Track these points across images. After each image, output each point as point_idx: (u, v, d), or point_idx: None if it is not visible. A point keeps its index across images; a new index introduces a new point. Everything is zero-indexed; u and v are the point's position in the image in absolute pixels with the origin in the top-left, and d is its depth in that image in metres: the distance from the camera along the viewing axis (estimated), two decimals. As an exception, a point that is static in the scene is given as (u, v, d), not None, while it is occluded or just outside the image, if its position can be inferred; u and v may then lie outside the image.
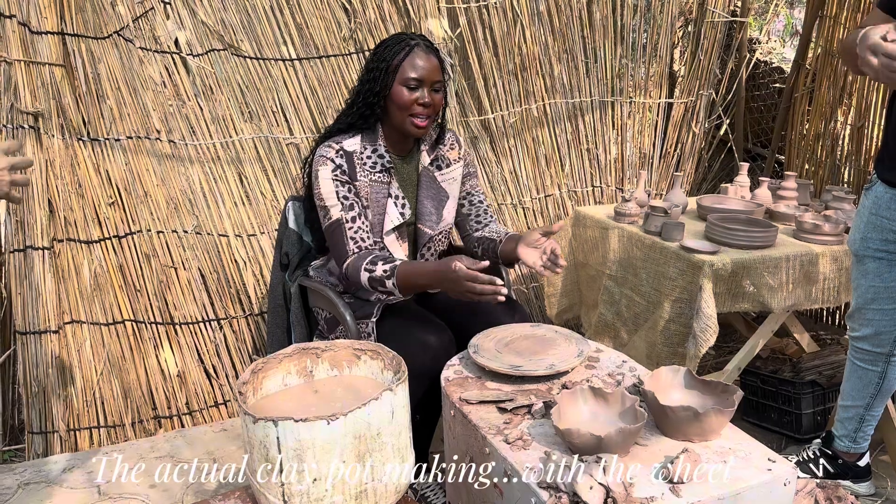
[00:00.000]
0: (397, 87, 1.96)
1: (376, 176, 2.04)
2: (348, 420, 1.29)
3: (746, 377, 2.79)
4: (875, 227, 2.01)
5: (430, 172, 2.15)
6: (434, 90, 1.99)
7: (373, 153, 2.04)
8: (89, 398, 2.66)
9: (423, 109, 1.97)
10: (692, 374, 1.59)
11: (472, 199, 2.26)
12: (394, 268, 1.90)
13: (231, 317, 2.88)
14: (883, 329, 2.09)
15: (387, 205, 2.06)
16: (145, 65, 2.79)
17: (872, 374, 2.16)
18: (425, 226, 2.14)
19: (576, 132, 3.48)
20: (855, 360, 2.19)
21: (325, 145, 2.04)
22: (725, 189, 3.07)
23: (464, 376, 1.75)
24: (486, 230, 2.23)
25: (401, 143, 2.10)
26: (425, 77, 1.96)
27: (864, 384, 2.18)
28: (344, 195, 2.00)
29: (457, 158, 2.20)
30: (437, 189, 2.16)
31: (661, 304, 2.47)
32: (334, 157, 2.00)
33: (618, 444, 1.36)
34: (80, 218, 2.69)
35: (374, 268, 1.92)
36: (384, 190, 2.06)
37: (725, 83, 3.76)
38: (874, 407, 2.21)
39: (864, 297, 2.09)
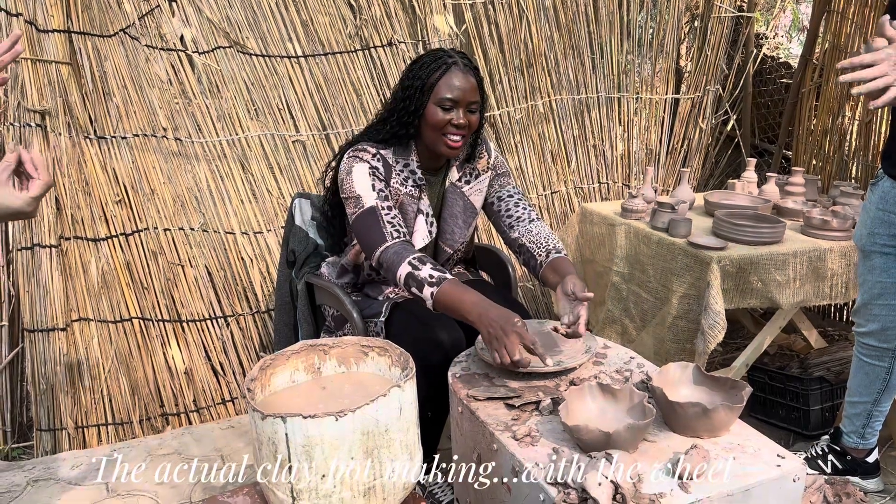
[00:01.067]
0: (431, 107, 1.91)
1: (408, 189, 2.00)
2: (356, 416, 1.29)
3: (754, 373, 2.78)
4: (882, 222, 2.00)
5: (457, 189, 2.10)
6: (470, 111, 1.93)
7: (405, 168, 2.00)
8: (97, 395, 2.67)
9: (456, 130, 1.92)
10: (700, 371, 1.58)
11: (502, 195, 2.17)
12: (442, 279, 1.77)
13: (238, 314, 2.88)
14: (890, 324, 2.08)
15: (416, 220, 2.03)
16: (151, 62, 2.79)
17: (879, 369, 2.15)
18: (445, 244, 2.12)
19: (582, 128, 3.47)
20: (861, 356, 2.18)
21: (360, 148, 1.97)
22: (733, 185, 3.06)
23: (471, 373, 1.74)
24: (526, 236, 2.09)
25: (433, 160, 2.06)
26: (461, 98, 1.90)
27: (871, 380, 2.18)
28: (380, 189, 1.93)
29: (485, 168, 2.15)
30: (463, 205, 2.11)
31: (668, 301, 2.46)
32: (370, 159, 1.95)
33: (626, 440, 1.35)
34: (87, 216, 2.69)
35: (420, 266, 1.80)
36: (414, 204, 2.02)
37: (732, 79, 3.75)
38: (881, 403, 2.20)
39: (871, 293, 2.08)
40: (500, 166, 2.20)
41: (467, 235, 2.16)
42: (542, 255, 2.03)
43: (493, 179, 2.19)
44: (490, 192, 2.18)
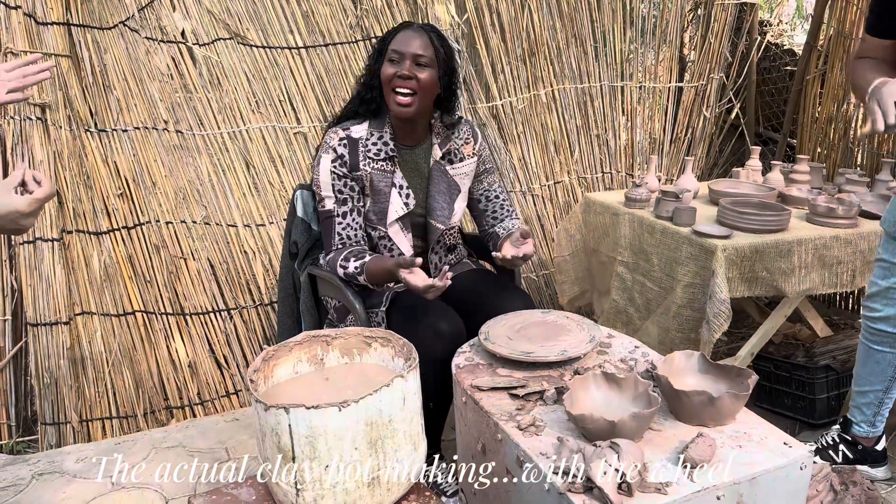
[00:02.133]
0: (384, 65, 1.97)
1: (380, 164, 2.04)
2: (360, 407, 1.29)
3: (759, 362, 2.77)
4: None
5: (441, 167, 2.13)
6: (417, 64, 1.95)
7: (378, 140, 2.04)
8: (101, 389, 2.67)
9: (402, 83, 1.94)
10: (706, 359, 1.57)
11: (489, 195, 2.26)
12: (363, 266, 1.97)
13: (241, 307, 2.88)
14: None
15: (391, 194, 2.05)
16: (151, 55, 2.78)
17: (890, 356, 2.14)
18: (437, 221, 2.13)
19: (585, 118, 3.45)
20: (870, 343, 2.16)
21: (332, 131, 2.05)
22: (737, 173, 3.04)
23: (475, 363, 1.74)
24: (499, 226, 2.25)
25: (407, 133, 2.09)
26: (406, 50, 1.94)
27: (881, 367, 2.16)
28: (339, 189, 2.02)
29: (471, 153, 2.18)
30: (448, 183, 2.15)
31: (673, 290, 2.45)
32: (337, 145, 2.01)
33: (632, 429, 1.35)
34: (88, 209, 2.69)
35: (347, 264, 2.00)
36: (388, 179, 2.05)
37: (736, 66, 3.72)
38: (893, 389, 2.18)
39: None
40: (487, 160, 2.25)
41: (455, 213, 2.17)
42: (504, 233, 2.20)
43: (482, 174, 2.23)
44: (478, 186, 2.24)
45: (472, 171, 2.20)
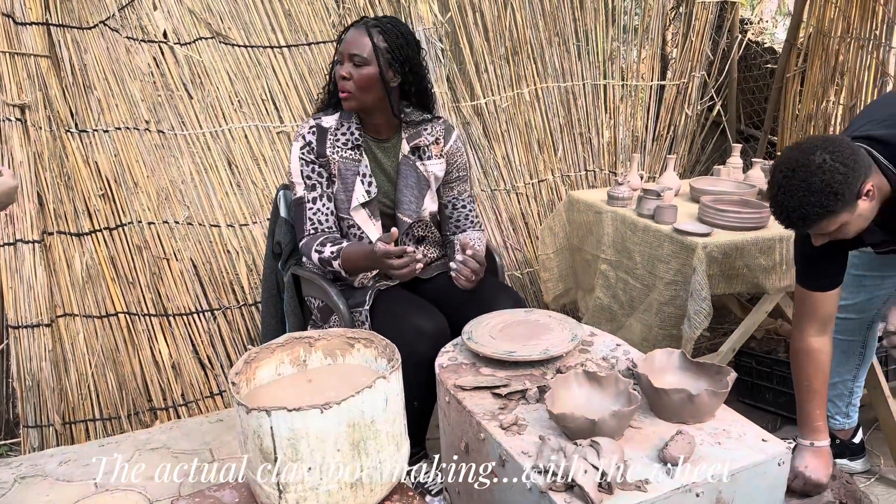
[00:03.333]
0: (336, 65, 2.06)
1: (347, 153, 2.09)
2: (342, 408, 1.29)
3: (741, 358, 2.80)
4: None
5: (410, 161, 2.15)
6: (354, 64, 2.00)
7: (347, 130, 2.10)
8: (84, 391, 2.66)
9: (341, 83, 2.02)
10: (686, 357, 1.59)
11: (456, 204, 2.29)
12: (339, 250, 2.01)
13: (225, 307, 2.87)
14: (872, 295, 2.12)
15: (354, 182, 2.09)
16: (132, 54, 2.76)
17: (854, 343, 2.18)
18: (405, 214, 2.15)
19: (568, 116, 3.46)
20: (836, 333, 2.20)
21: (305, 121, 2.12)
22: (718, 171, 3.06)
23: (458, 363, 1.74)
24: (458, 235, 2.27)
25: (373, 126, 2.13)
26: (344, 51, 2.02)
27: (847, 357, 2.21)
28: (307, 175, 2.08)
29: (438, 154, 2.19)
30: (417, 177, 2.16)
31: (655, 287, 2.46)
32: (306, 133, 2.09)
33: (612, 427, 1.36)
34: (69, 210, 2.67)
35: (322, 249, 2.03)
36: (354, 167, 2.10)
37: (717, 64, 3.74)
38: (860, 377, 2.23)
39: (871, 265, 2.09)
40: (461, 167, 2.26)
41: (423, 207, 2.18)
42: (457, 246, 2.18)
43: (454, 181, 2.26)
44: (447, 193, 2.27)
45: (442, 172, 2.21)
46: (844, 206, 1.60)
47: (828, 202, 1.58)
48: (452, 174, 2.24)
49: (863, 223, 1.68)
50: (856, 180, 1.59)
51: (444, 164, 2.20)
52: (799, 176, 1.59)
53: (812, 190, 1.58)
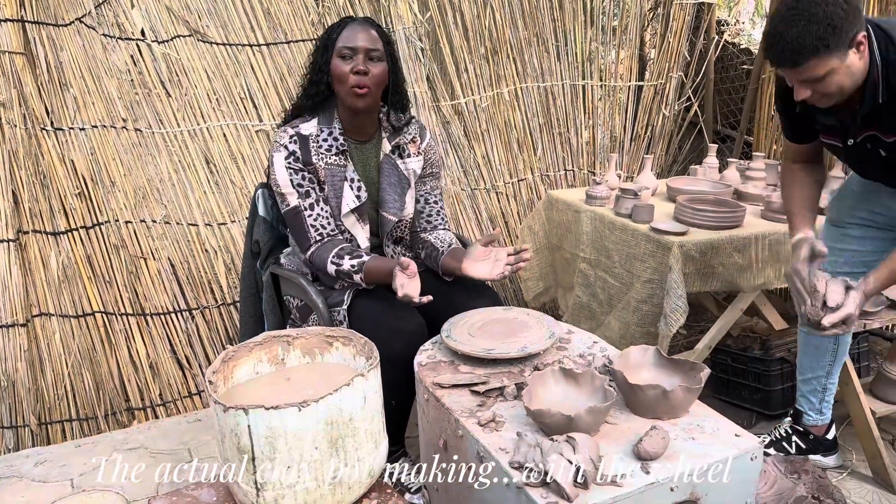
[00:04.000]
0: (335, 61, 1.98)
1: (332, 159, 2.05)
2: (320, 406, 1.29)
3: (717, 355, 2.83)
4: (867, 200, 2.09)
5: (391, 160, 2.15)
6: (370, 59, 1.98)
7: (329, 136, 2.05)
8: (60, 391, 2.64)
9: (357, 78, 1.96)
10: (660, 353, 1.61)
11: (429, 199, 2.27)
12: (361, 264, 1.97)
13: (203, 306, 2.86)
14: None
15: (343, 188, 2.07)
16: (109, 52, 2.74)
17: (827, 341, 2.21)
18: (389, 213, 2.14)
19: (548, 116, 3.48)
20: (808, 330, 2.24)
21: (282, 130, 2.05)
22: (695, 170, 3.10)
23: (437, 361, 1.75)
24: (433, 234, 2.24)
25: (358, 127, 2.10)
26: (358, 45, 1.97)
27: (820, 353, 2.24)
28: (298, 183, 2.02)
29: (416, 152, 2.20)
30: (398, 176, 2.16)
31: (633, 286, 2.49)
32: (288, 143, 2.02)
33: (588, 423, 1.37)
34: (45, 209, 2.64)
35: (340, 262, 1.99)
36: (341, 173, 2.07)
37: (694, 65, 3.79)
38: (833, 374, 2.26)
39: (837, 262, 2.14)
40: (435, 164, 2.26)
41: (406, 205, 2.18)
42: (443, 247, 2.16)
43: (427, 177, 2.25)
44: (420, 188, 2.25)
45: (419, 170, 2.22)
46: (838, 47, 1.64)
47: (825, 35, 1.62)
48: (427, 170, 2.24)
49: (846, 81, 1.71)
50: (853, 24, 1.64)
51: (422, 161, 2.21)
52: (802, 5, 1.63)
53: (813, 19, 1.61)
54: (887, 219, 2.06)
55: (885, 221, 2.07)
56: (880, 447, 2.29)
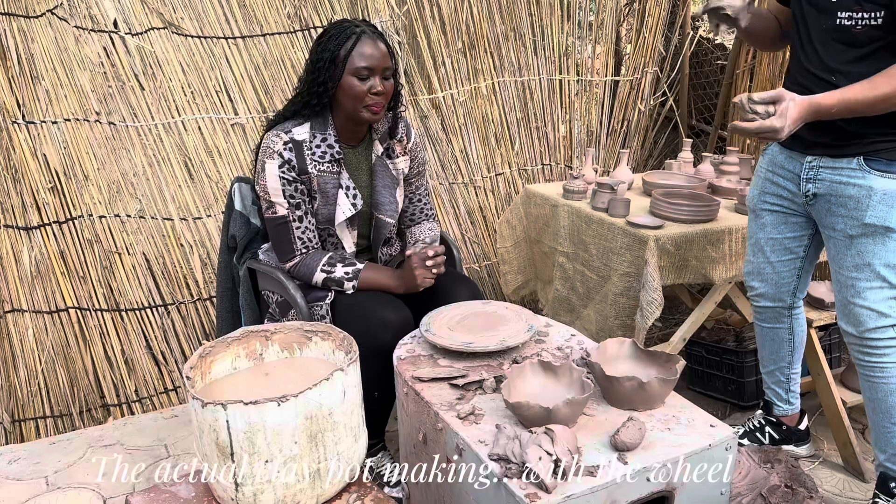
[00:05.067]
0: (348, 79, 1.94)
1: (325, 166, 2.03)
2: (299, 401, 1.29)
3: (692, 347, 2.87)
4: (771, 183, 2.11)
5: (383, 161, 2.14)
6: (385, 77, 1.98)
7: (322, 142, 2.02)
8: (34, 388, 2.60)
9: (376, 98, 1.96)
10: (637, 346, 1.63)
11: (413, 199, 2.28)
12: (357, 272, 2.02)
13: (179, 302, 2.83)
14: (782, 281, 2.18)
15: (337, 196, 2.05)
16: (81, 44, 2.70)
17: (781, 331, 2.25)
18: (385, 215, 2.14)
19: (525, 110, 3.50)
20: (761, 322, 2.28)
21: (274, 134, 2.00)
22: (670, 165, 3.13)
23: (416, 354, 1.76)
24: (412, 228, 2.30)
25: (352, 132, 2.08)
26: (376, 66, 1.95)
27: (777, 345, 2.28)
28: (290, 194, 2.00)
29: (402, 152, 2.20)
30: (391, 177, 2.16)
31: (610, 279, 2.51)
32: (282, 150, 1.97)
33: (566, 415, 1.39)
34: (17, 204, 2.60)
35: (332, 269, 2.02)
36: (334, 180, 2.04)
37: (669, 60, 3.82)
38: (794, 364, 2.30)
39: (763, 251, 2.17)
40: (421, 162, 2.27)
41: (399, 205, 2.20)
42: (411, 242, 2.27)
43: (413, 177, 2.26)
44: (406, 187, 2.26)
45: (406, 169, 2.22)
46: None
47: None
48: (413, 169, 2.24)
49: None
50: None
51: (408, 161, 2.21)
52: None
53: None
54: (791, 203, 2.06)
55: (790, 206, 2.07)
56: (851, 436, 2.34)
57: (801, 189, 1.98)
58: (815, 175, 1.94)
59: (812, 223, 2.07)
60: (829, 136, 1.88)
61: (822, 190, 1.93)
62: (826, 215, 1.95)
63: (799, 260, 2.15)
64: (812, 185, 1.95)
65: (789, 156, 2.02)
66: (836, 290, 1.99)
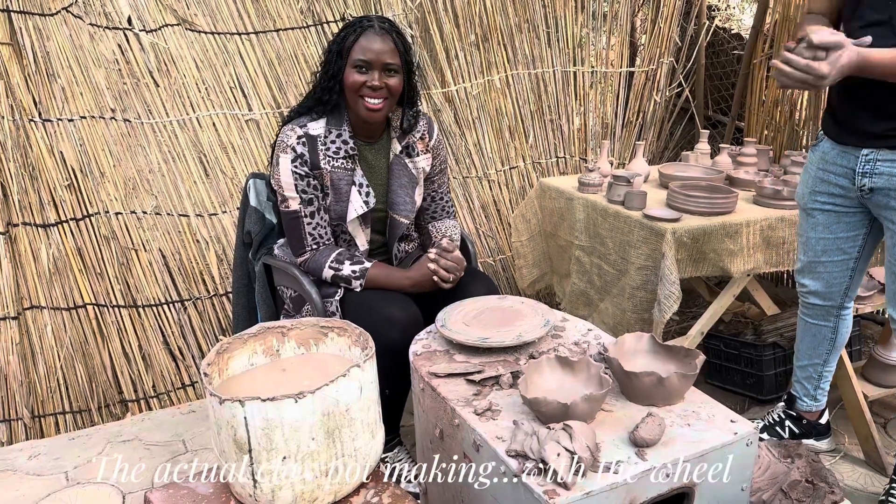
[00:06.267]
0: (348, 70, 1.94)
1: (339, 162, 2.02)
2: (316, 398, 1.29)
3: (710, 341, 2.85)
4: (822, 181, 2.06)
5: (401, 160, 2.12)
6: (387, 73, 1.95)
7: (337, 138, 2.01)
8: (53, 384, 2.62)
9: (372, 93, 1.94)
10: (655, 340, 1.61)
11: (435, 197, 2.28)
12: (364, 271, 2.01)
13: (195, 298, 2.84)
14: (833, 281, 2.15)
15: (350, 193, 2.04)
16: (96, 42, 2.71)
17: (825, 329, 2.22)
18: (400, 215, 2.13)
19: (539, 103, 3.47)
20: (807, 317, 2.25)
21: (289, 128, 2.01)
22: (686, 157, 3.10)
23: (432, 350, 1.75)
24: (434, 224, 2.29)
25: (367, 129, 2.07)
26: (374, 59, 1.93)
27: (818, 341, 2.25)
28: (303, 189, 2.00)
29: (424, 150, 2.17)
30: (409, 176, 2.14)
31: (627, 272, 2.50)
32: (296, 144, 1.98)
33: (584, 411, 1.38)
34: (35, 201, 2.62)
35: (340, 267, 2.01)
36: (348, 177, 2.04)
37: (685, 51, 3.78)
38: (830, 362, 2.27)
39: (815, 250, 2.14)
40: (442, 160, 2.25)
41: (417, 206, 2.19)
42: (437, 237, 2.22)
43: (435, 175, 2.24)
44: (428, 186, 2.25)
45: (428, 167, 2.20)
46: None
47: None
48: (435, 167, 2.22)
49: None
50: None
51: (430, 159, 2.19)
52: None
53: None
54: (845, 199, 2.03)
55: (844, 203, 2.04)
56: (872, 430, 2.31)
57: (855, 184, 1.95)
58: (872, 169, 1.90)
59: (867, 221, 2.04)
60: (886, 127, 1.84)
61: (880, 183, 1.89)
62: (884, 209, 1.92)
63: (852, 260, 2.12)
64: (868, 180, 1.92)
65: (842, 151, 1.99)
66: (890, 280, 1.97)
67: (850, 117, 1.94)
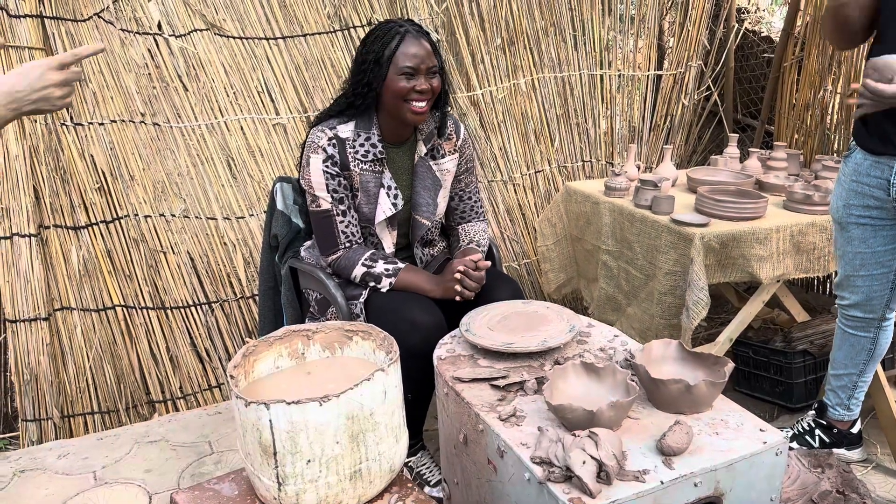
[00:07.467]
0: (393, 78, 1.95)
1: (368, 165, 2.03)
2: (341, 401, 1.29)
3: (738, 348, 2.81)
4: (856, 193, 2.02)
5: (425, 162, 2.13)
6: (430, 75, 1.97)
7: (366, 141, 2.03)
8: (82, 384, 2.66)
9: (420, 96, 1.96)
10: (683, 347, 1.59)
11: (463, 196, 2.27)
12: (397, 270, 2.02)
13: (222, 300, 2.87)
14: (874, 294, 2.10)
15: (378, 195, 2.05)
16: (127, 47, 2.75)
17: (865, 340, 2.17)
18: (422, 216, 2.13)
19: (565, 106, 3.46)
20: (846, 327, 2.20)
21: (319, 129, 2.02)
22: (715, 161, 3.06)
23: (456, 354, 1.75)
24: (464, 226, 2.29)
25: (397, 132, 2.08)
26: (419, 65, 1.94)
27: (856, 351, 2.20)
28: (334, 188, 2.01)
29: (452, 150, 2.18)
30: (432, 179, 2.15)
31: (655, 277, 2.47)
32: (326, 145, 1.99)
33: (610, 418, 1.36)
34: (66, 204, 2.66)
35: (373, 265, 2.02)
36: (376, 179, 2.05)
37: (714, 54, 3.74)
38: (866, 373, 2.22)
39: (853, 265, 2.09)
40: (469, 159, 2.24)
41: (441, 208, 2.19)
42: (465, 242, 2.25)
43: (462, 174, 2.23)
44: (455, 185, 2.24)
45: (454, 168, 2.20)
46: None
47: None
48: (462, 167, 2.22)
49: None
50: None
51: (457, 159, 2.19)
52: None
53: None
54: (881, 211, 1.98)
55: (880, 215, 1.99)
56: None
57: (891, 194, 1.91)
58: None
59: None
60: None
61: None
62: None
63: (892, 273, 2.06)
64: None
65: (875, 161, 1.95)
66: None
67: (884, 127, 1.90)
